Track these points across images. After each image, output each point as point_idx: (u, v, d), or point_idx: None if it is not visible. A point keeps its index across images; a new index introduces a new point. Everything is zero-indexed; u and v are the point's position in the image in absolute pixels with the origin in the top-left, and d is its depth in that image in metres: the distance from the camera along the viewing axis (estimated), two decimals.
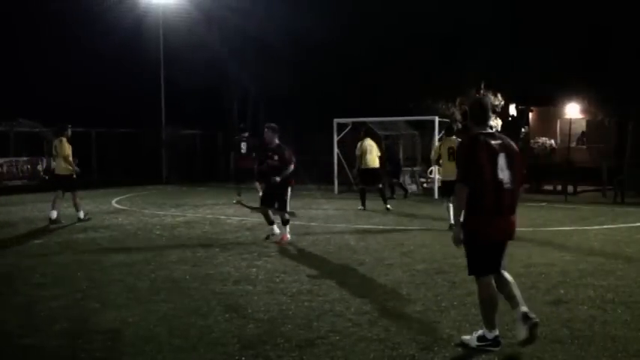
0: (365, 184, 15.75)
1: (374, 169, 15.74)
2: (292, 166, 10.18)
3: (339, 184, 20.77)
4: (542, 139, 27.48)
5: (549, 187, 21.57)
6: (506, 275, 5.24)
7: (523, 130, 27.84)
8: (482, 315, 5.23)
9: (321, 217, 14.11)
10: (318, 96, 25.93)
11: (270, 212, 10.32)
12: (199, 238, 11.02)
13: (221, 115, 30.49)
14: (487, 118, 5.18)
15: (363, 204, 15.50)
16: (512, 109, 26.66)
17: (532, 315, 5.00)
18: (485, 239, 5.07)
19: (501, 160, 4.98)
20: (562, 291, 6.97)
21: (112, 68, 29.70)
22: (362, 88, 25.39)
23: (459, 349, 5.12)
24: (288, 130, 27.21)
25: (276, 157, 9.98)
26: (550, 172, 22.71)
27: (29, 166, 21.76)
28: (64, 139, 12.90)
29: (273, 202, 10.22)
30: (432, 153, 12.97)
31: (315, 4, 24.74)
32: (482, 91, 24.89)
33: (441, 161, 12.07)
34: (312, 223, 12.89)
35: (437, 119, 20.08)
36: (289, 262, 8.78)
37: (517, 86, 23.26)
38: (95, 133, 26.41)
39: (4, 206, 16.39)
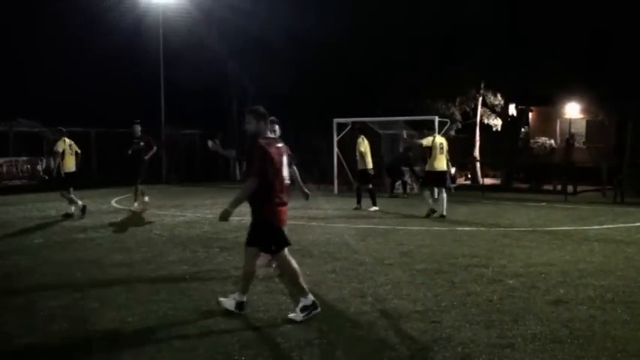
0: (364, 183, 15.86)
1: (371, 170, 15.92)
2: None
3: (338, 184, 20.77)
4: (542, 139, 27.55)
5: (549, 187, 21.60)
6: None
7: (523, 130, 27.90)
8: (292, 286, 6.11)
9: (321, 216, 14.10)
10: (318, 96, 25.94)
11: None
12: (199, 237, 11.01)
13: (221, 114, 30.49)
14: (267, 125, 6.18)
15: (359, 202, 15.68)
16: (512, 109, 26.69)
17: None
18: (278, 223, 6.01)
19: (284, 160, 6.08)
20: (562, 291, 6.97)
21: (111, 68, 29.70)
22: (362, 88, 25.39)
23: (459, 348, 5.12)
24: (289, 130, 27.35)
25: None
26: (550, 172, 22.75)
27: (29, 166, 21.77)
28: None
29: None
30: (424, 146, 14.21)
31: (315, 3, 24.73)
32: (482, 91, 24.93)
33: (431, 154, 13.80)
34: (312, 223, 12.88)
35: (437, 119, 20.06)
36: None
37: (517, 86, 23.26)
38: (95, 133, 26.42)
39: (3, 206, 16.39)
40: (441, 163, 13.89)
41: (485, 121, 26.51)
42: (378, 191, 16.10)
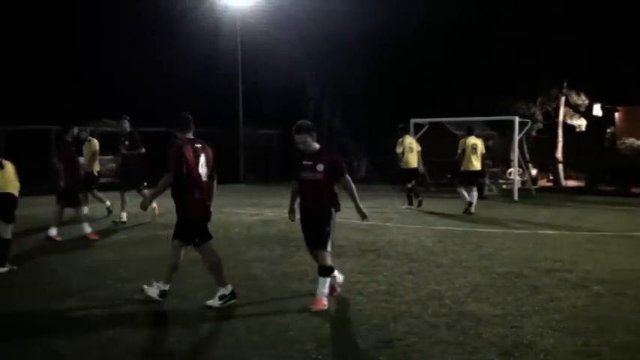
0: (405, 182, 15.95)
1: (413, 169, 15.87)
2: (350, 179, 6.64)
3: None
4: (630, 140, 26.39)
5: (637, 190, 20.70)
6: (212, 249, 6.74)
7: (608, 130, 26.85)
8: (214, 275, 6.56)
9: (397, 217, 14.00)
10: (394, 96, 25.78)
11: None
12: (276, 236, 11.12)
13: (298, 114, 30.73)
14: (189, 127, 6.74)
15: (411, 202, 15.70)
16: (597, 109, 25.71)
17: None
18: (193, 217, 6.51)
19: (202, 159, 6.56)
20: None
21: (191, 69, 30.41)
22: (439, 88, 25.05)
23: (541, 355, 4.95)
24: (364, 130, 27.31)
25: (320, 168, 6.50)
26: (638, 174, 21.80)
27: (113, 165, 22.44)
28: None
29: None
30: (459, 148, 15.05)
31: (391, 2, 24.55)
32: (564, 90, 24.16)
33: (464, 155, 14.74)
34: (388, 224, 12.80)
35: (517, 119, 19.59)
36: (366, 262, 8.74)
37: (602, 85, 22.38)
38: (174, 133, 27.09)
39: (90, 203, 17.01)
40: (474, 163, 14.76)
41: (569, 122, 25.65)
42: (449, 192, 15.84)
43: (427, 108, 22.72)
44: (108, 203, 14.16)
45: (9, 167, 8.52)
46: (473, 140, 14.88)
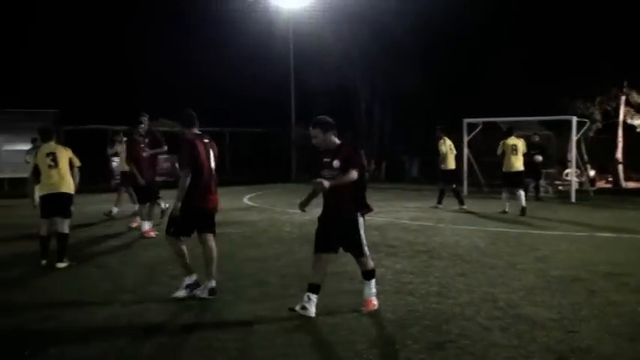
0: (447, 183, 15.93)
1: (455, 170, 16.33)
2: (355, 174, 5.94)
3: (468, 184, 20.30)
4: None
5: None
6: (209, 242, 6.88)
7: None
8: (180, 263, 6.88)
9: (450, 218, 13.84)
10: (446, 94, 25.52)
11: (326, 263, 6.40)
12: None
13: (349, 114, 30.72)
14: (194, 123, 6.94)
15: (462, 202, 15.67)
16: None
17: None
18: (200, 210, 6.75)
19: (211, 154, 6.86)
20: None
21: (244, 70, 30.78)
22: (492, 86, 24.66)
23: None
24: (416, 129, 27.11)
25: (336, 164, 6.04)
26: None
27: (169, 164, 22.85)
28: None
29: (334, 244, 6.38)
30: (498, 148, 14.95)
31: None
32: (625, 89, 23.48)
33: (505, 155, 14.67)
34: (440, 225, 12.67)
35: (574, 119, 19.12)
36: (417, 263, 8.66)
37: None
38: (229, 132, 27.55)
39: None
40: (515, 164, 14.61)
41: (629, 122, 24.94)
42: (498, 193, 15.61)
43: (480, 107, 22.40)
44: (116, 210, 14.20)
45: (63, 163, 8.67)
46: (513, 141, 14.78)
